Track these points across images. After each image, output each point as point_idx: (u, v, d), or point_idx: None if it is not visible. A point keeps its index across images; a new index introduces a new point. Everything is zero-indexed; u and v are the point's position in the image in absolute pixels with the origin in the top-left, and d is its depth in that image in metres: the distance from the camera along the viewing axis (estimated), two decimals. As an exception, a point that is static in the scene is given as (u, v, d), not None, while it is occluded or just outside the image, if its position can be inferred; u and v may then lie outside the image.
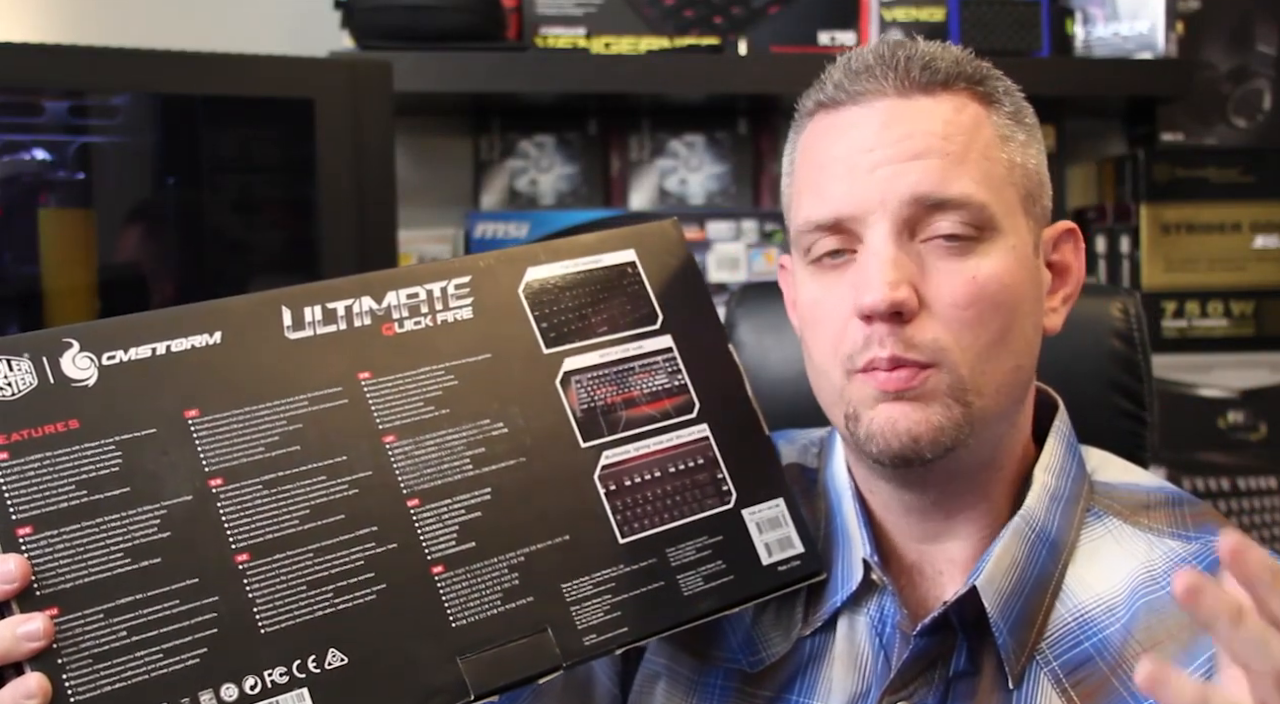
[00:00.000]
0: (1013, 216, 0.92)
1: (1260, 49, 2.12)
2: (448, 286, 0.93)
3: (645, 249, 1.00)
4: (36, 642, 0.74)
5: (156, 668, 0.77)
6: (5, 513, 0.76)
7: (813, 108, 0.96)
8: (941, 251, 0.90)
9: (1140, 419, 1.25)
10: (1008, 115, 0.95)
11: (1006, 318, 0.91)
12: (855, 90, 0.93)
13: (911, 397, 0.89)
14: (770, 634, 1.00)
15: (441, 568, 0.85)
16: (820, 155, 0.94)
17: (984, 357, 0.90)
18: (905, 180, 0.89)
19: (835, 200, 0.91)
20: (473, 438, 0.89)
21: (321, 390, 0.86)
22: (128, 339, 0.82)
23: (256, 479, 0.82)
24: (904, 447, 0.90)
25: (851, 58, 0.95)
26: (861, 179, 0.90)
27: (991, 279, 0.90)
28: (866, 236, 0.90)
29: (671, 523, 0.94)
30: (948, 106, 0.92)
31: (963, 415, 0.90)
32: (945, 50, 0.95)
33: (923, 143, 0.90)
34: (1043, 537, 0.94)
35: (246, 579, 0.80)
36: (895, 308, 0.88)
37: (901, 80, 0.92)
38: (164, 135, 1.69)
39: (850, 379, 0.91)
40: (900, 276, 0.88)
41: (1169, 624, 0.91)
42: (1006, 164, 0.93)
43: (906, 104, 0.92)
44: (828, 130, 0.94)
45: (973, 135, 0.92)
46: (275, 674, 0.79)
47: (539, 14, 1.96)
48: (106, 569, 0.78)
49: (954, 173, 0.90)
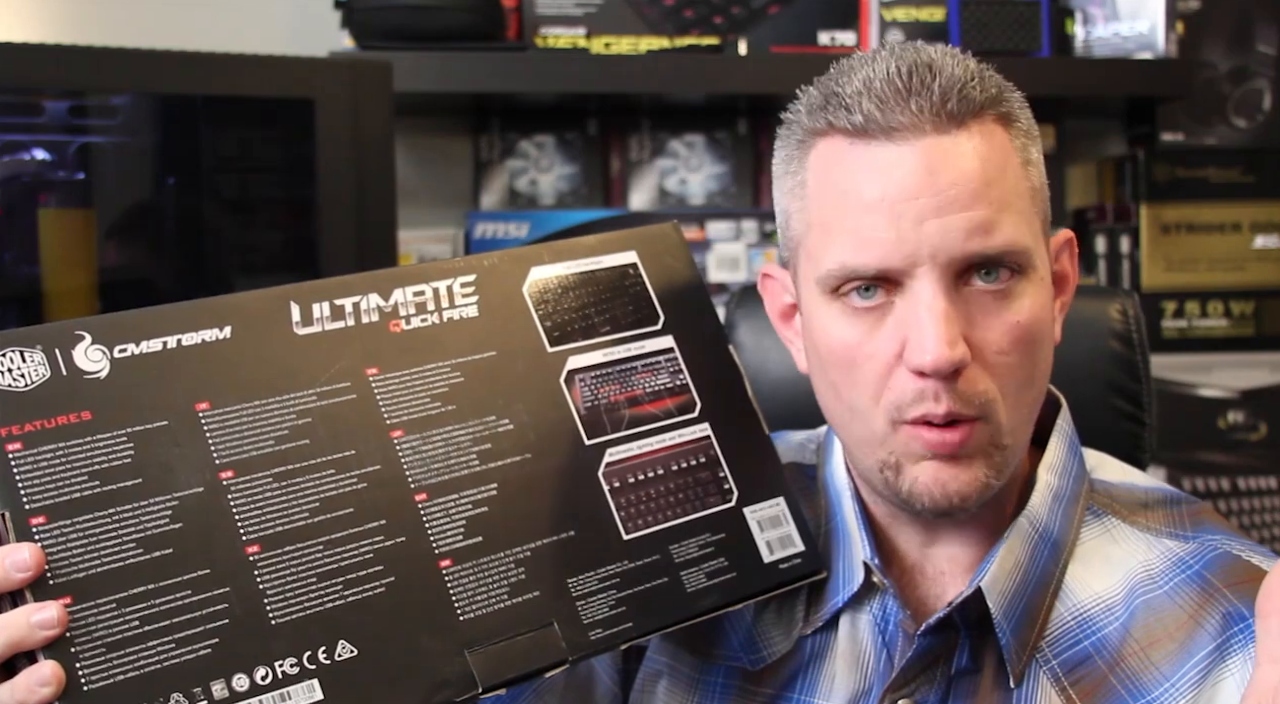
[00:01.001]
0: (1039, 246, 0.91)
1: (1260, 49, 2.12)
2: (454, 285, 0.93)
3: (647, 251, 1.01)
4: (50, 630, 0.74)
5: (169, 657, 0.77)
6: (19, 503, 0.77)
7: (825, 128, 0.91)
8: (987, 298, 0.88)
9: (1139, 420, 1.25)
10: (1024, 133, 0.92)
11: (1036, 353, 0.91)
12: (889, 125, 0.88)
13: (962, 454, 0.89)
14: (771, 633, 1.00)
15: (449, 562, 0.86)
16: (854, 193, 0.89)
17: (1019, 398, 0.90)
18: (955, 234, 0.87)
19: (879, 251, 0.88)
20: (479, 434, 0.90)
21: (330, 385, 0.86)
22: (139, 332, 0.83)
23: (267, 472, 0.83)
24: (950, 506, 0.90)
25: (874, 78, 0.89)
26: (909, 230, 0.87)
27: (1031, 319, 0.89)
28: (913, 287, 0.88)
29: (674, 520, 0.94)
30: (980, 140, 0.89)
31: (1001, 461, 0.90)
32: (964, 68, 0.90)
33: (969, 190, 0.87)
34: (1045, 536, 0.95)
35: (257, 570, 0.81)
36: (955, 366, 0.86)
37: (938, 113, 0.87)
38: (164, 135, 1.68)
39: (896, 430, 0.90)
40: (955, 333, 0.86)
41: (1167, 623, 0.91)
42: (1030, 192, 0.91)
43: (945, 142, 0.88)
44: (860, 165, 0.89)
45: (1005, 170, 0.89)
46: (286, 665, 0.80)
47: (539, 14, 1.96)
48: (119, 559, 0.78)
49: (997, 221, 0.88)
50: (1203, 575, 0.92)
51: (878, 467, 0.92)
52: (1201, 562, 0.93)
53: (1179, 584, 0.92)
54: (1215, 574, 0.92)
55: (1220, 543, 0.94)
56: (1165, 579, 0.93)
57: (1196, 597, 0.91)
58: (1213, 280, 2.09)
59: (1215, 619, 0.90)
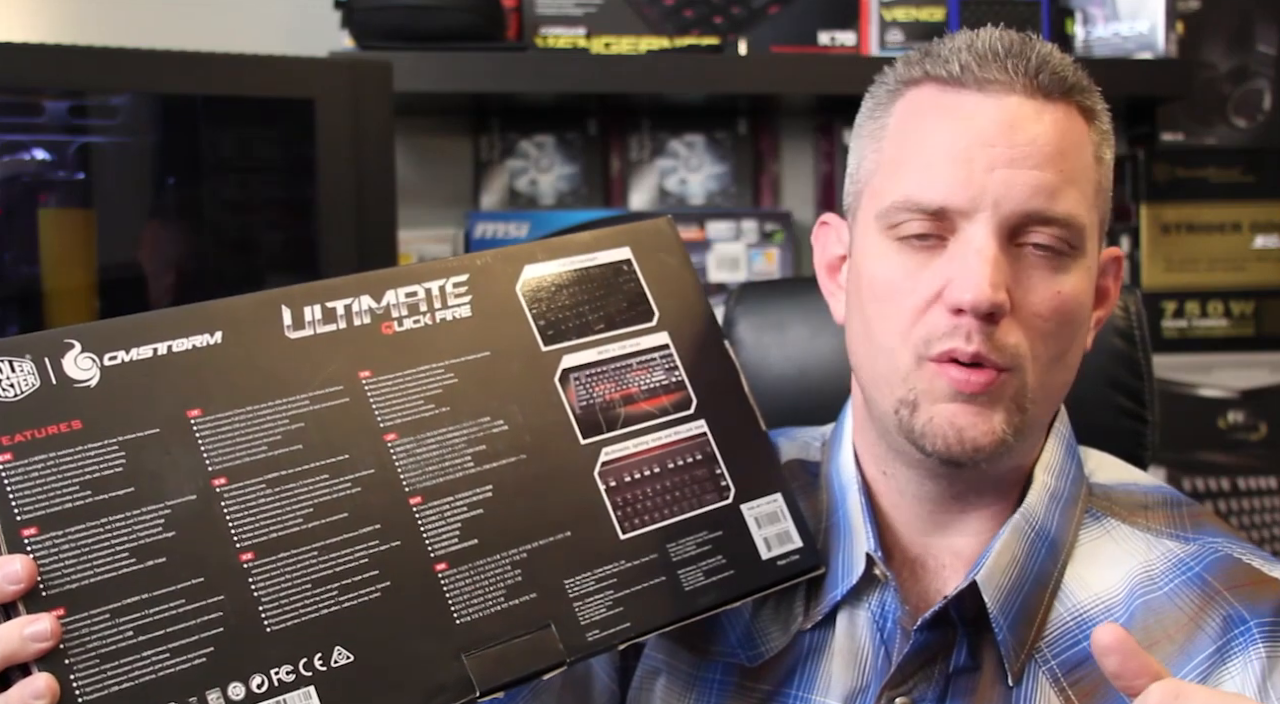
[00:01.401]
0: (1094, 239, 0.94)
1: (1260, 49, 2.12)
2: (446, 285, 0.93)
3: (640, 247, 1.01)
4: (44, 642, 0.74)
5: (163, 667, 0.77)
6: (10, 514, 0.76)
7: (920, 77, 0.94)
8: (1036, 261, 0.90)
9: (1141, 418, 1.25)
10: (1101, 132, 0.95)
11: (1074, 334, 0.93)
12: (984, 77, 0.91)
13: (982, 401, 0.90)
14: (769, 628, 1.00)
15: (445, 565, 0.85)
16: (933, 133, 0.92)
17: (1049, 367, 0.92)
18: (1021, 189, 0.89)
19: (946, 188, 0.90)
20: (473, 435, 0.89)
21: (322, 389, 0.86)
22: (129, 339, 0.82)
23: (259, 478, 0.82)
24: (963, 453, 0.91)
25: (976, 39, 0.93)
26: (979, 175, 0.89)
27: (1072, 296, 0.91)
28: (967, 231, 0.90)
29: (671, 518, 0.94)
30: (1064, 118, 0.92)
31: (1021, 421, 0.91)
32: (1063, 57, 0.94)
33: (1044, 152, 0.90)
34: (1042, 535, 0.95)
35: (251, 578, 0.80)
36: (994, 308, 0.88)
37: (1031, 79, 0.91)
38: (164, 135, 1.68)
39: (921, 365, 0.91)
40: (1001, 278, 0.88)
41: (1166, 625, 0.91)
42: (1097, 186, 0.94)
43: (1032, 106, 0.91)
44: (945, 109, 0.92)
45: (1080, 153, 0.92)
46: (282, 672, 0.79)
47: (539, 14, 1.96)
48: (112, 569, 0.77)
49: (1064, 190, 0.90)
50: (1203, 577, 0.92)
51: (894, 406, 0.92)
52: (1202, 564, 0.93)
53: (1179, 586, 0.92)
54: (1216, 576, 0.92)
55: (1221, 545, 0.94)
56: (1165, 581, 0.93)
57: (1197, 599, 0.91)
58: (1213, 280, 2.09)
59: (1216, 622, 0.90)
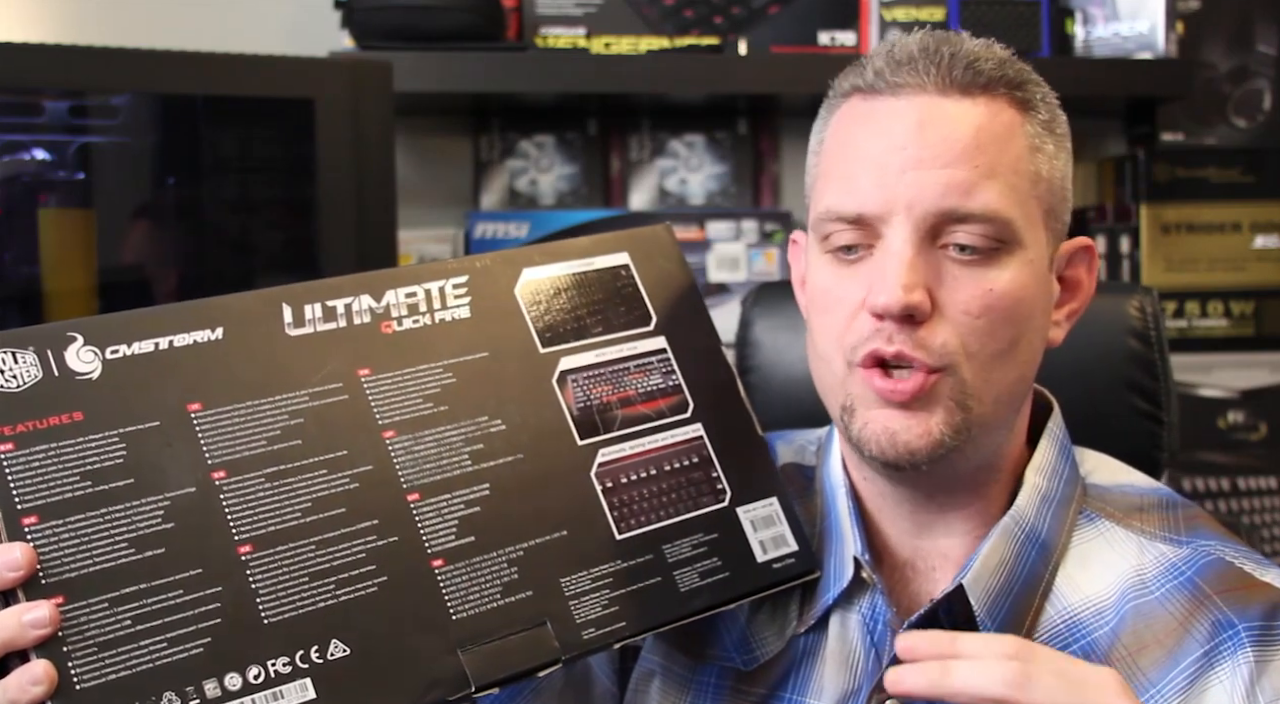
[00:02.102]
0: (1033, 230, 0.92)
1: (1260, 49, 2.12)
2: (446, 286, 0.93)
3: (638, 252, 1.01)
4: (42, 629, 0.75)
5: (160, 656, 0.77)
6: (11, 503, 0.77)
7: (848, 90, 0.95)
8: (963, 259, 0.90)
9: (1157, 419, 1.23)
10: (1041, 124, 0.94)
11: (1016, 329, 0.91)
12: (895, 81, 0.91)
13: (916, 405, 0.90)
14: (764, 632, 1.00)
15: (441, 562, 0.86)
16: (851, 143, 0.93)
17: (990, 365, 0.91)
18: (933, 189, 0.89)
19: (861, 196, 0.90)
20: (471, 434, 0.90)
21: (322, 386, 0.87)
22: (131, 333, 0.83)
23: (259, 472, 0.83)
24: (898, 457, 0.91)
25: (895, 45, 0.94)
26: (891, 178, 0.89)
27: (1007, 292, 0.90)
28: (887, 236, 0.90)
29: (667, 520, 0.94)
30: (984, 111, 0.91)
31: (962, 421, 0.91)
32: (989, 50, 0.94)
33: (955, 150, 0.89)
34: (1032, 537, 0.95)
35: (249, 570, 0.81)
36: (908, 311, 0.88)
37: (943, 77, 0.91)
38: (164, 135, 1.69)
39: (852, 371, 0.92)
40: (916, 280, 0.88)
41: (1156, 629, 0.91)
42: (1033, 176, 0.92)
43: (944, 104, 0.91)
44: (862, 117, 0.93)
45: (1005, 145, 0.91)
46: (278, 664, 0.80)
47: (539, 14, 1.97)
48: (111, 559, 0.78)
49: (981, 185, 0.89)
50: (1194, 582, 0.92)
51: (839, 412, 0.94)
52: (1194, 568, 0.93)
53: (1170, 590, 0.92)
54: (1206, 581, 0.92)
55: (1213, 548, 0.94)
56: (1157, 585, 0.93)
57: (1187, 603, 0.91)
58: (1213, 280, 2.09)
59: (1204, 626, 0.90)
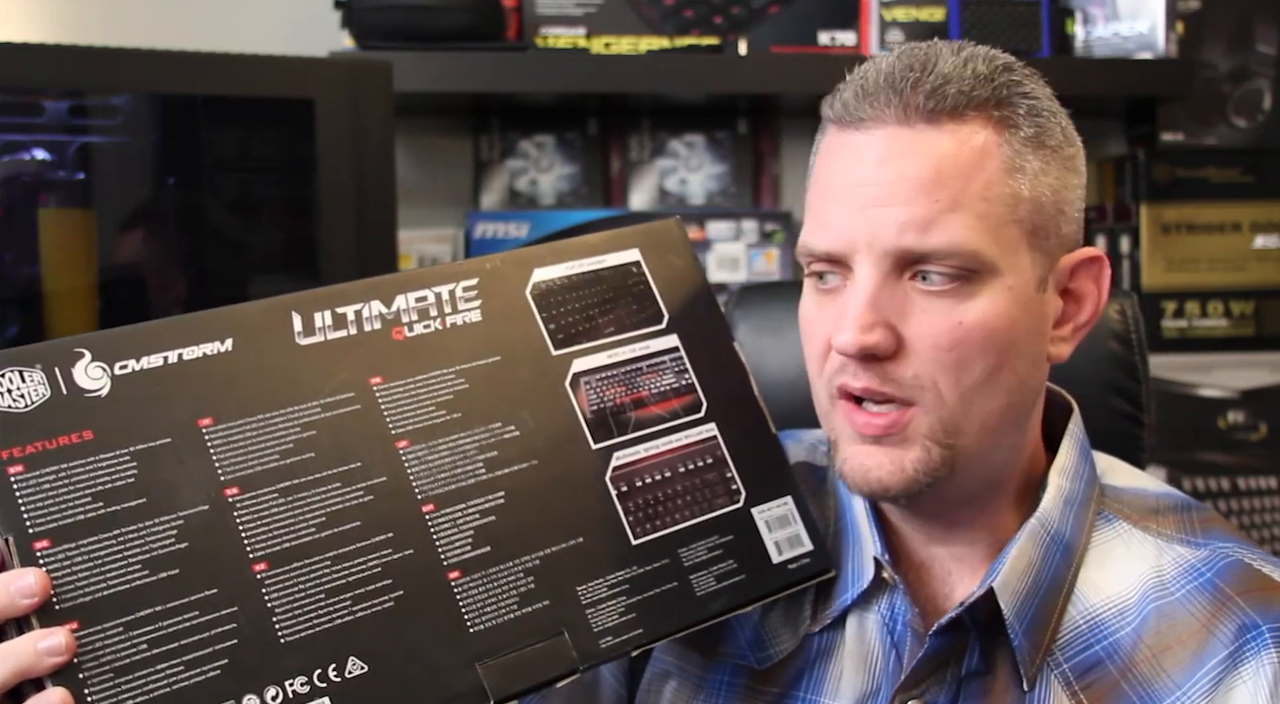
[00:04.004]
0: (1012, 255, 0.89)
1: (1260, 49, 2.12)
2: (456, 289, 0.92)
3: (649, 249, 1.00)
4: (58, 657, 0.73)
5: (178, 680, 0.76)
6: (23, 527, 0.75)
7: (829, 117, 0.94)
8: (931, 293, 0.88)
9: (1138, 420, 1.25)
10: (1024, 141, 0.90)
11: (995, 358, 0.89)
12: (859, 115, 0.90)
13: (891, 442, 0.90)
14: (779, 631, 1.00)
15: (458, 573, 0.85)
16: (825, 177, 0.93)
17: (970, 397, 0.89)
18: (889, 226, 0.87)
19: (829, 233, 0.91)
20: (485, 441, 0.89)
21: (334, 396, 0.85)
22: (139, 348, 0.82)
23: (272, 487, 0.82)
24: (872, 493, 0.92)
25: (868, 71, 0.91)
26: (854, 216, 0.89)
27: (979, 323, 0.88)
28: (855, 270, 0.90)
29: (683, 523, 0.93)
30: (950, 140, 0.88)
31: (941, 458, 0.90)
32: (965, 68, 0.90)
33: (912, 186, 0.87)
34: (1057, 539, 0.95)
35: (265, 588, 0.80)
36: (865, 351, 0.88)
37: (904, 107, 0.88)
38: (164, 135, 1.68)
39: (834, 404, 0.92)
40: (874, 319, 0.87)
41: (1179, 630, 0.91)
42: (1010, 200, 0.89)
43: (906, 135, 0.88)
44: (835, 151, 0.92)
45: (973, 173, 0.88)
46: (296, 684, 0.79)
47: (539, 14, 1.96)
48: (125, 581, 0.77)
49: (941, 221, 0.87)
50: (1215, 583, 0.92)
51: (827, 442, 0.96)
52: (1213, 569, 0.93)
53: (1191, 591, 0.92)
54: (1228, 582, 0.92)
55: (1231, 550, 0.94)
56: (1177, 586, 0.93)
57: (1209, 605, 0.91)
58: (1213, 280, 2.09)
59: (1229, 628, 0.90)
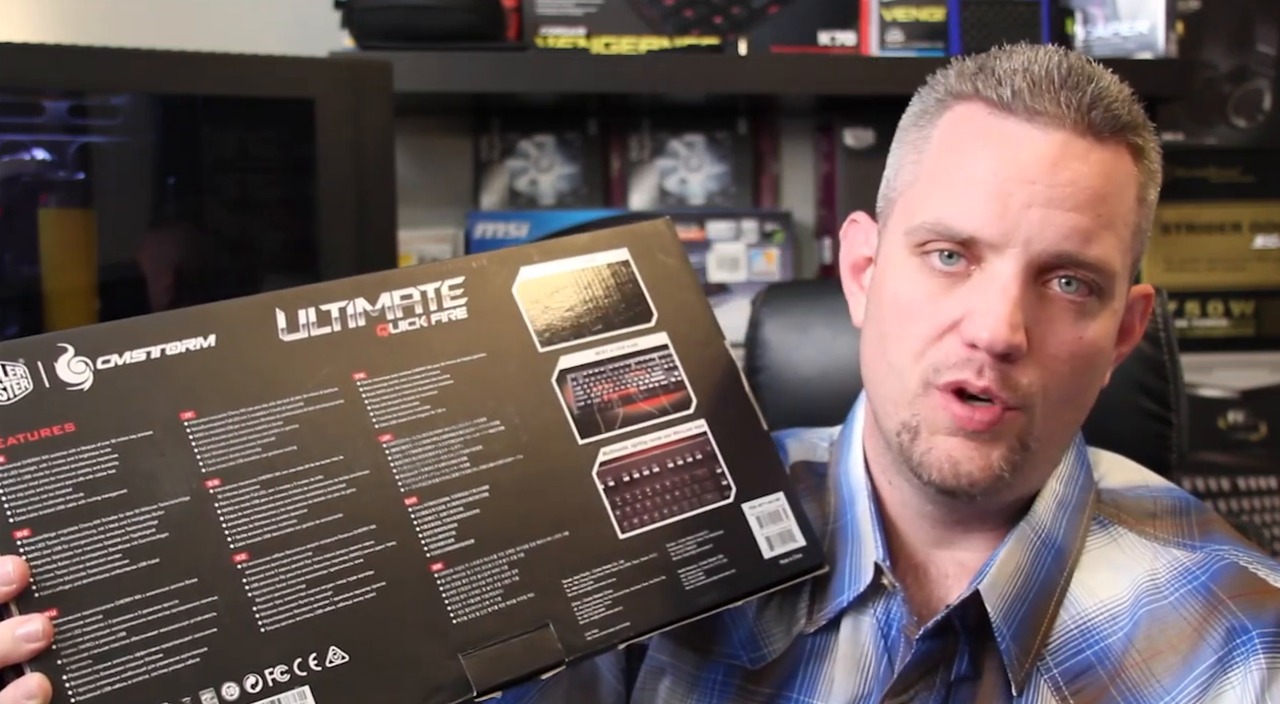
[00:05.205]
0: (1123, 282, 0.92)
1: (1260, 49, 2.12)
2: (442, 287, 0.93)
3: (638, 247, 1.00)
4: (36, 643, 0.74)
5: (157, 668, 0.77)
6: (3, 516, 0.76)
7: (970, 93, 0.92)
8: (1062, 304, 0.89)
9: (1166, 420, 1.23)
10: (1148, 172, 0.92)
11: (1091, 376, 0.91)
12: (1034, 107, 0.89)
13: (984, 438, 0.89)
14: (773, 630, 1.00)
15: (441, 565, 0.85)
16: (970, 157, 0.90)
17: (1060, 408, 0.90)
18: (1056, 229, 0.87)
19: (978, 219, 0.88)
20: (469, 436, 0.89)
21: (317, 391, 0.86)
22: (122, 343, 0.83)
23: (254, 479, 0.83)
24: (958, 486, 0.90)
25: (1034, 63, 0.90)
26: (1014, 210, 0.87)
27: (1093, 340, 0.90)
28: (995, 265, 0.88)
29: (671, 518, 0.94)
30: (1111, 158, 0.89)
31: (1020, 459, 0.90)
32: (1120, 88, 0.91)
33: (1083, 196, 0.88)
34: (1049, 543, 0.94)
35: (245, 578, 0.80)
36: (1009, 350, 0.87)
37: (1083, 115, 0.88)
38: (164, 135, 1.68)
39: (927, 392, 0.90)
40: (1021, 319, 0.87)
41: (1170, 634, 0.91)
42: (1135, 228, 0.92)
43: (1079, 144, 0.88)
44: (990, 135, 0.90)
45: (1122, 195, 0.90)
46: (276, 672, 0.79)
47: (539, 14, 1.96)
48: (105, 570, 0.78)
49: (1099, 235, 0.88)
50: (1208, 587, 0.92)
51: (897, 428, 0.92)
52: (1207, 573, 0.93)
53: (1184, 596, 0.92)
54: (1220, 586, 0.92)
55: (1227, 553, 0.94)
56: (1171, 590, 0.93)
57: (1201, 609, 0.91)
58: (1213, 280, 2.09)
59: (1218, 632, 0.90)
